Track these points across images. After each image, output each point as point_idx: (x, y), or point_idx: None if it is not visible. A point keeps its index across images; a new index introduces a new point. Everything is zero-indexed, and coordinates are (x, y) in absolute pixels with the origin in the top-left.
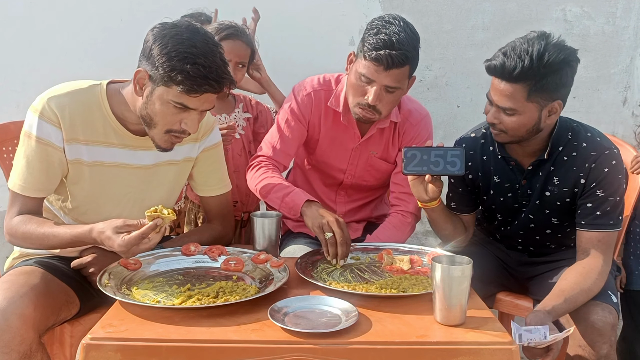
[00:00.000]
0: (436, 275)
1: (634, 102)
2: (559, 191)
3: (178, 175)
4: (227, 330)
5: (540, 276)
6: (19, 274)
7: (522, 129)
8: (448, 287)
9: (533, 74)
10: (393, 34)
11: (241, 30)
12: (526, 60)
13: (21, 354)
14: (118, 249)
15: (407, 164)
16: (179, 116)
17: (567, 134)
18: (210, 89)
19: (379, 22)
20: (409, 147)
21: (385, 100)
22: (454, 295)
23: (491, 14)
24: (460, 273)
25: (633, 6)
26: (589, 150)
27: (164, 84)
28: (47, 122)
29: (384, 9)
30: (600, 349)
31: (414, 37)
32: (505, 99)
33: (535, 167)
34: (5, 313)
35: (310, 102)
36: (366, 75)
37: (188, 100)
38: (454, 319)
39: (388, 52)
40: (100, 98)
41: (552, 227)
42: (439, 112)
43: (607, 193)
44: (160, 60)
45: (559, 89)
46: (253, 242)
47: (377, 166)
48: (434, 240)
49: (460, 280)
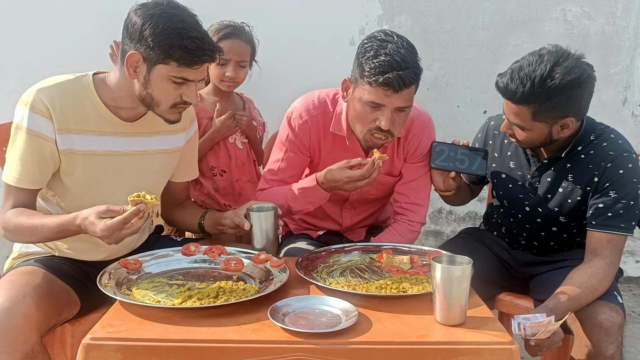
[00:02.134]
0: (436, 275)
1: (634, 102)
2: (572, 188)
3: (166, 163)
4: (227, 330)
5: (541, 276)
6: (21, 274)
7: (535, 141)
8: (448, 287)
9: (535, 99)
10: (394, 53)
11: (240, 29)
12: (527, 86)
13: (24, 354)
14: (100, 234)
15: (435, 159)
16: (179, 90)
17: (589, 137)
18: (209, 59)
19: (374, 43)
20: (438, 143)
21: (398, 121)
22: (454, 295)
23: (491, 14)
24: (460, 273)
25: (633, 6)
26: (607, 149)
27: (162, 61)
28: (37, 113)
29: (384, 9)
30: (607, 349)
31: (413, 49)
32: (513, 116)
33: (550, 162)
34: (8, 313)
35: (308, 129)
36: (375, 102)
37: (188, 72)
38: (454, 319)
39: (396, 73)
40: (88, 88)
41: (558, 225)
42: (439, 112)
43: (620, 195)
44: (155, 40)
45: (568, 109)
46: (251, 237)
47: (383, 181)
48: (434, 240)
49: (460, 280)
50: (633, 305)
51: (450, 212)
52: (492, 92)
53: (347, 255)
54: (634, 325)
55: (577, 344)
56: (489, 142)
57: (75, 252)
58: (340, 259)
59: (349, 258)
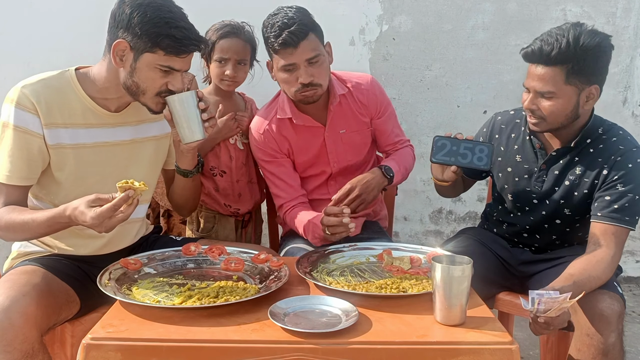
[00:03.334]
0: (436, 275)
1: (634, 102)
2: (580, 181)
3: (157, 150)
4: (227, 330)
5: (541, 273)
6: (21, 273)
7: (561, 115)
8: (448, 287)
9: (571, 56)
10: (282, 18)
11: (240, 28)
12: (563, 43)
13: (23, 352)
14: (91, 222)
15: (436, 153)
16: (164, 79)
17: (598, 130)
18: (196, 48)
19: (267, 20)
20: (440, 137)
21: (315, 72)
22: (454, 295)
23: (491, 14)
24: (461, 273)
25: (633, 6)
26: (617, 144)
27: (149, 50)
28: (23, 109)
29: (384, 9)
30: (608, 337)
31: (302, 10)
32: (543, 82)
33: (559, 154)
34: (8, 312)
35: (270, 135)
36: (287, 64)
37: (175, 61)
38: (454, 319)
39: (287, 31)
40: (71, 82)
41: (562, 218)
42: (439, 112)
43: (628, 188)
44: (144, 28)
45: (596, 73)
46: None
47: (352, 141)
48: (434, 240)
49: (460, 280)
50: (633, 305)
51: (450, 212)
52: (492, 92)
53: (347, 255)
54: (634, 325)
55: (577, 334)
56: (495, 136)
57: (75, 248)
58: (340, 259)
59: (349, 258)
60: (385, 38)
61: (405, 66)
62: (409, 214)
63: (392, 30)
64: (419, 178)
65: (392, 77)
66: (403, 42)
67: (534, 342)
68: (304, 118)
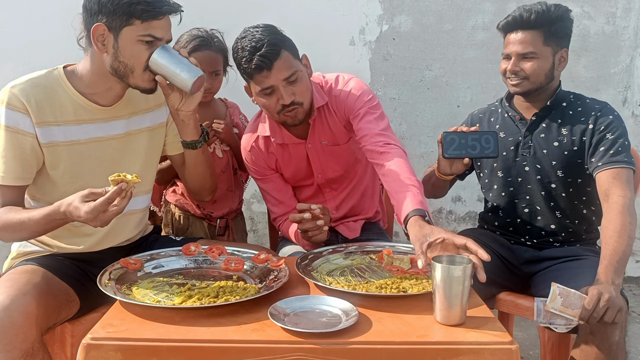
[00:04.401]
0: (436, 275)
1: (634, 102)
2: (568, 140)
3: (152, 141)
4: (227, 330)
5: (543, 272)
6: (21, 272)
7: (541, 74)
8: (448, 287)
9: (547, 20)
10: (250, 41)
11: (209, 39)
12: (539, 9)
13: (23, 351)
14: (85, 217)
15: (447, 148)
16: (149, 51)
17: (569, 96)
18: (171, 8)
19: (237, 44)
20: (448, 132)
21: (295, 90)
22: (454, 294)
23: (491, 14)
24: (461, 273)
25: (633, 6)
26: (592, 103)
27: (126, 23)
28: (13, 109)
29: (384, 9)
30: (612, 334)
31: (268, 28)
32: (525, 45)
33: (538, 117)
34: (8, 310)
35: (257, 152)
36: (263, 88)
37: (155, 29)
38: (454, 319)
39: (257, 55)
40: (60, 79)
41: (556, 182)
42: (439, 112)
43: (616, 135)
44: (114, 3)
45: (565, 38)
46: (175, 81)
47: (334, 153)
48: None
49: (460, 279)
50: (633, 305)
51: (450, 212)
52: (492, 92)
53: (347, 255)
54: (634, 325)
55: (581, 332)
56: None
57: (75, 245)
58: (340, 258)
59: (349, 258)
60: (385, 38)
61: (405, 66)
62: None
63: (392, 30)
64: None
65: (392, 77)
66: (403, 42)
67: (534, 342)
68: (282, 135)
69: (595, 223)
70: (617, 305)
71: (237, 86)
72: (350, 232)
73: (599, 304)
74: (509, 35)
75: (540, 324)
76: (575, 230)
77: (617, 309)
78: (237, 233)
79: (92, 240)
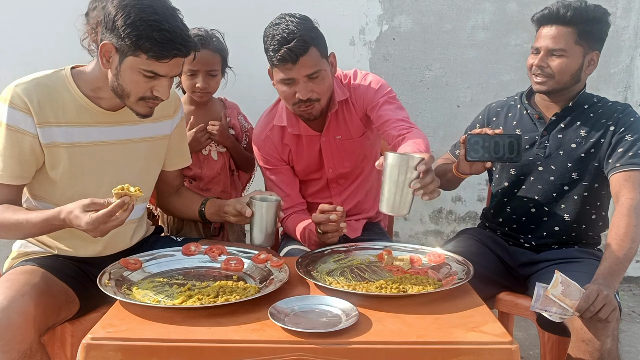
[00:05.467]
0: (386, 163)
1: (634, 102)
2: (586, 142)
3: (152, 151)
4: (227, 330)
5: (538, 274)
6: (20, 273)
7: (567, 74)
8: (396, 175)
9: (583, 18)
10: (282, 31)
11: (208, 39)
12: (577, 6)
13: (21, 352)
14: (86, 227)
15: (471, 151)
16: (149, 84)
17: (592, 98)
18: (179, 53)
19: (269, 30)
20: (472, 135)
21: (315, 87)
22: (400, 183)
23: (491, 14)
24: (409, 162)
25: (633, 6)
26: (615, 105)
27: (132, 53)
28: (15, 109)
29: (384, 9)
30: (604, 342)
31: (303, 21)
32: (556, 41)
33: (558, 118)
34: (6, 311)
35: (271, 142)
36: (285, 79)
37: (158, 67)
38: (399, 209)
39: (285, 47)
40: (66, 80)
41: (569, 184)
42: (439, 112)
43: (636, 137)
44: (126, 31)
45: (599, 40)
46: (250, 226)
47: (346, 148)
48: (434, 240)
49: (408, 169)
50: (633, 305)
51: (450, 212)
52: (492, 92)
53: (347, 255)
54: (633, 325)
55: (573, 339)
56: (492, 119)
57: (74, 249)
58: (340, 258)
59: (349, 258)
60: (385, 38)
61: (405, 66)
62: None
63: (392, 30)
64: None
65: (392, 77)
66: (403, 42)
67: (534, 342)
68: (299, 127)
69: (601, 229)
70: (614, 304)
71: (237, 86)
72: (352, 232)
73: (597, 299)
74: (542, 28)
75: (537, 310)
76: (579, 234)
77: (613, 307)
78: (232, 234)
79: (94, 248)
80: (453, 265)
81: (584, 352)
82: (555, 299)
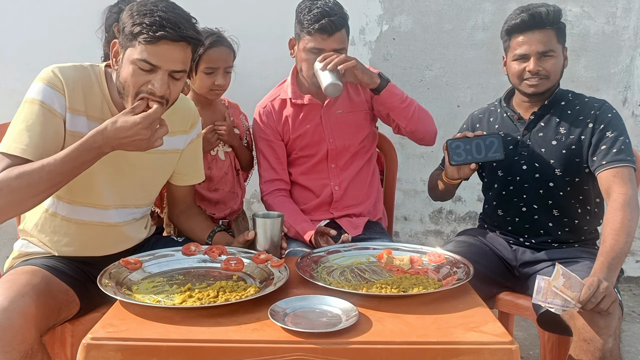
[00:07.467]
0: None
1: (634, 102)
2: (566, 139)
3: (161, 163)
4: (227, 330)
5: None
6: (20, 273)
7: (558, 72)
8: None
9: (555, 18)
10: (324, 5)
11: (222, 36)
12: (550, 8)
13: (22, 353)
14: (139, 128)
15: (453, 156)
16: (146, 77)
17: (568, 95)
18: (167, 35)
19: (307, 2)
20: (453, 139)
21: None
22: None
23: (491, 14)
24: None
25: (633, 6)
26: (591, 102)
27: (130, 43)
28: (52, 87)
29: (384, 9)
30: (606, 342)
31: (339, 5)
32: (544, 43)
33: (537, 116)
34: (7, 312)
35: (271, 113)
36: (316, 47)
37: (151, 54)
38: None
39: (328, 19)
40: (99, 76)
41: (554, 180)
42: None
43: (616, 133)
44: (126, 23)
45: (565, 36)
46: (255, 244)
47: (348, 122)
48: (434, 240)
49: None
50: (633, 305)
51: (450, 212)
52: (492, 92)
53: (347, 255)
54: (633, 325)
55: (575, 339)
56: (476, 125)
57: (76, 250)
58: (340, 259)
59: (349, 258)
60: (385, 38)
61: (405, 66)
62: (409, 213)
63: (392, 30)
64: (419, 178)
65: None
66: (403, 42)
67: (534, 342)
68: (303, 97)
69: (593, 223)
70: (614, 296)
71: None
72: (353, 229)
73: (598, 290)
74: (519, 36)
75: (538, 302)
76: (573, 229)
77: (614, 298)
78: (238, 234)
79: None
80: (453, 266)
81: (585, 351)
82: (557, 291)
